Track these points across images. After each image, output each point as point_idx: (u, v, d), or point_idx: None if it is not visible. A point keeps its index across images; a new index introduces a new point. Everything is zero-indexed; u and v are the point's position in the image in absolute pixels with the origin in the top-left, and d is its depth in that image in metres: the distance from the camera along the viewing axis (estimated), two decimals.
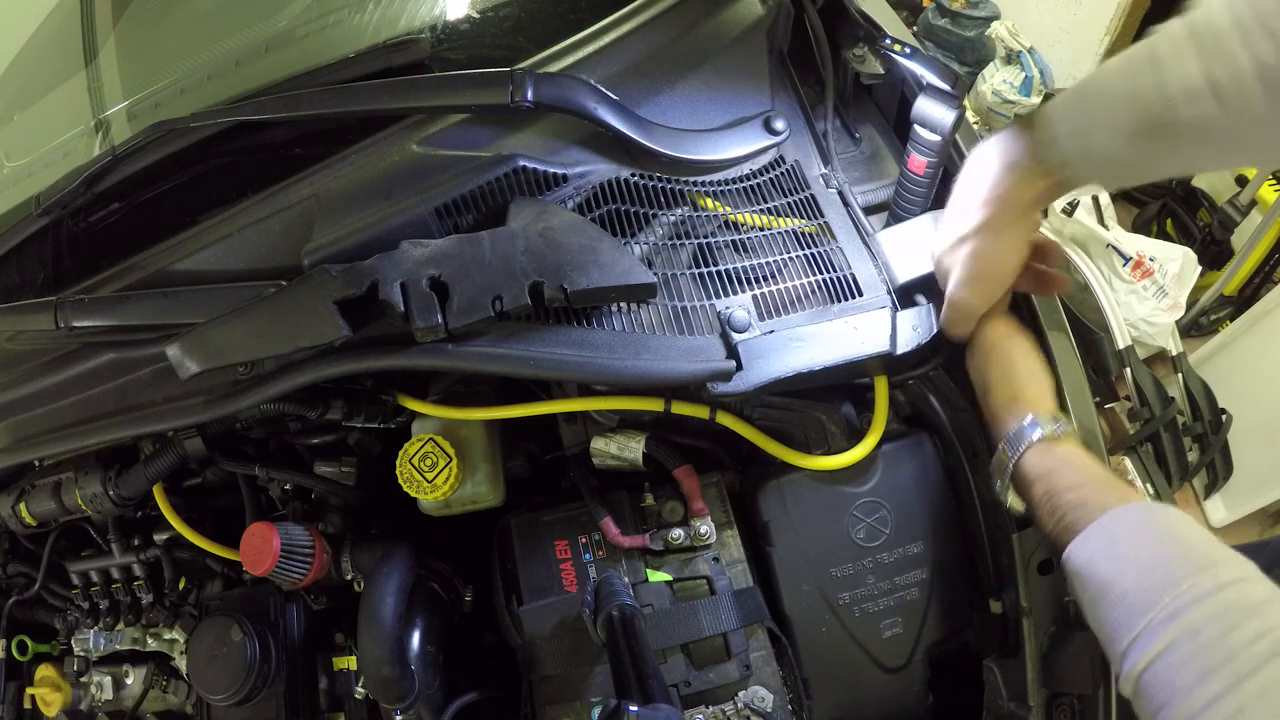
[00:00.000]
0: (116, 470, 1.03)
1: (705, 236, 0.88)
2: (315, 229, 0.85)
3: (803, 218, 0.90)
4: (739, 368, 0.78)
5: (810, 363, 0.79)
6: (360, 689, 0.97)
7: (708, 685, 0.85)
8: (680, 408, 0.87)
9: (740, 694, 0.85)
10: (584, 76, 0.86)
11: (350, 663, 1.01)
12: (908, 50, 0.93)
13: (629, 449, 0.93)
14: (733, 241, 0.88)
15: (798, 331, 0.81)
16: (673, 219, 0.88)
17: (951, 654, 0.94)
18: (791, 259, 0.87)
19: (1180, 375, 1.81)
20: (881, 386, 0.89)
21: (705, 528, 0.90)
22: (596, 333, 0.79)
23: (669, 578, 0.90)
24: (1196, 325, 2.30)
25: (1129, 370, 1.42)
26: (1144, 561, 0.57)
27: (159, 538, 1.12)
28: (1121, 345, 1.42)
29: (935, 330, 0.83)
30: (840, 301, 0.84)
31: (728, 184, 0.92)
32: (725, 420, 0.89)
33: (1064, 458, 0.70)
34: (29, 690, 1.22)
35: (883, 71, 0.98)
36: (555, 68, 0.88)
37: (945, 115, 0.82)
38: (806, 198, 0.92)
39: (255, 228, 0.89)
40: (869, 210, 0.94)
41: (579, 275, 0.77)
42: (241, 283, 0.87)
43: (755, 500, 0.93)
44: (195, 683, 0.98)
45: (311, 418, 0.93)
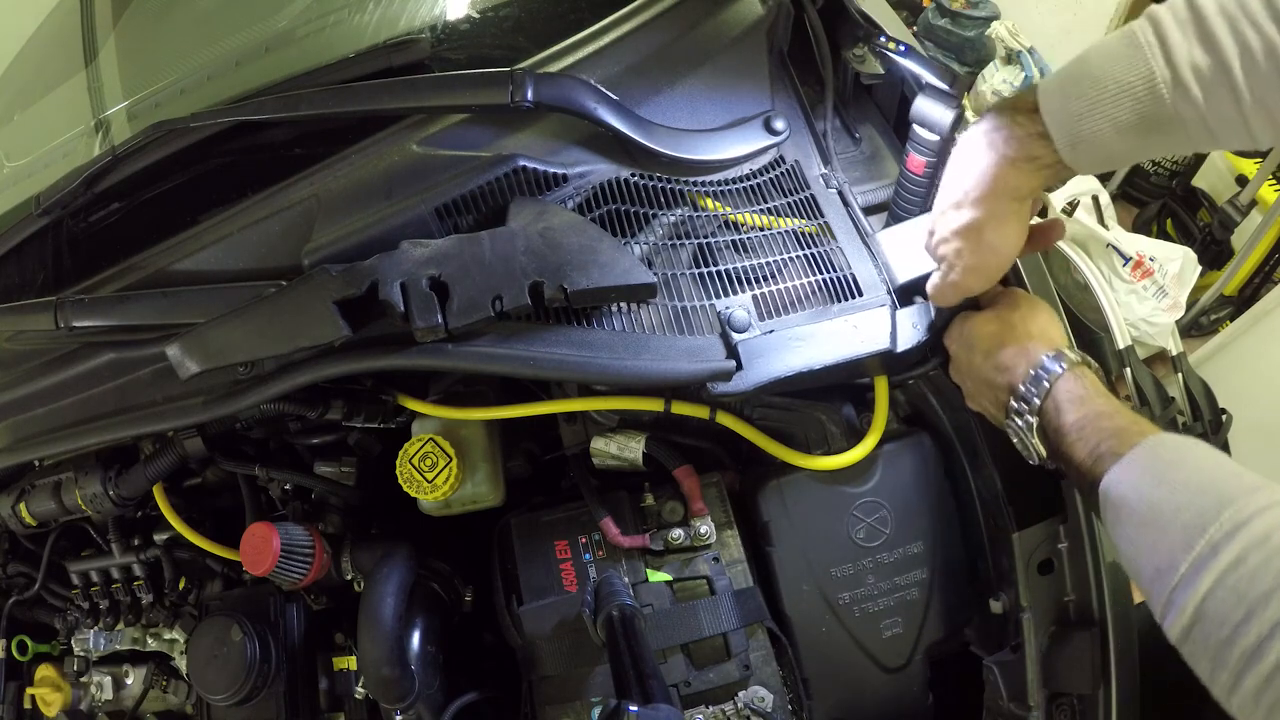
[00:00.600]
0: (116, 470, 1.03)
1: (705, 236, 0.88)
2: (315, 229, 0.85)
3: (803, 218, 0.90)
4: (739, 367, 0.78)
5: (810, 362, 0.79)
6: (360, 689, 0.97)
7: (708, 685, 0.85)
8: (680, 408, 0.87)
9: (740, 694, 0.85)
10: (584, 76, 0.86)
11: (350, 663, 1.01)
12: (903, 49, 0.93)
13: (629, 449, 0.93)
14: (733, 241, 0.88)
15: (798, 331, 0.81)
16: (673, 219, 0.88)
17: (951, 654, 0.94)
18: (791, 259, 0.87)
19: (1180, 375, 1.81)
20: (881, 386, 0.88)
21: (705, 528, 0.90)
22: (596, 333, 0.79)
23: (669, 578, 0.90)
24: (1196, 325, 2.30)
25: (1129, 370, 1.42)
26: (1196, 483, 0.54)
27: (159, 538, 1.12)
28: (1121, 345, 1.42)
29: (935, 329, 0.83)
30: (840, 301, 0.84)
31: (728, 184, 0.92)
32: (725, 420, 0.89)
33: (1095, 388, 0.68)
34: (29, 690, 1.22)
35: (882, 71, 0.98)
36: (555, 68, 0.88)
37: (944, 115, 0.81)
38: (806, 198, 0.91)
39: (255, 228, 0.89)
40: (869, 210, 0.94)
41: (579, 275, 0.77)
42: (241, 283, 0.87)
43: (755, 500, 0.93)
44: (195, 683, 0.98)
45: (311, 418, 0.93)
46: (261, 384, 0.83)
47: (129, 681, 1.16)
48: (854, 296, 0.84)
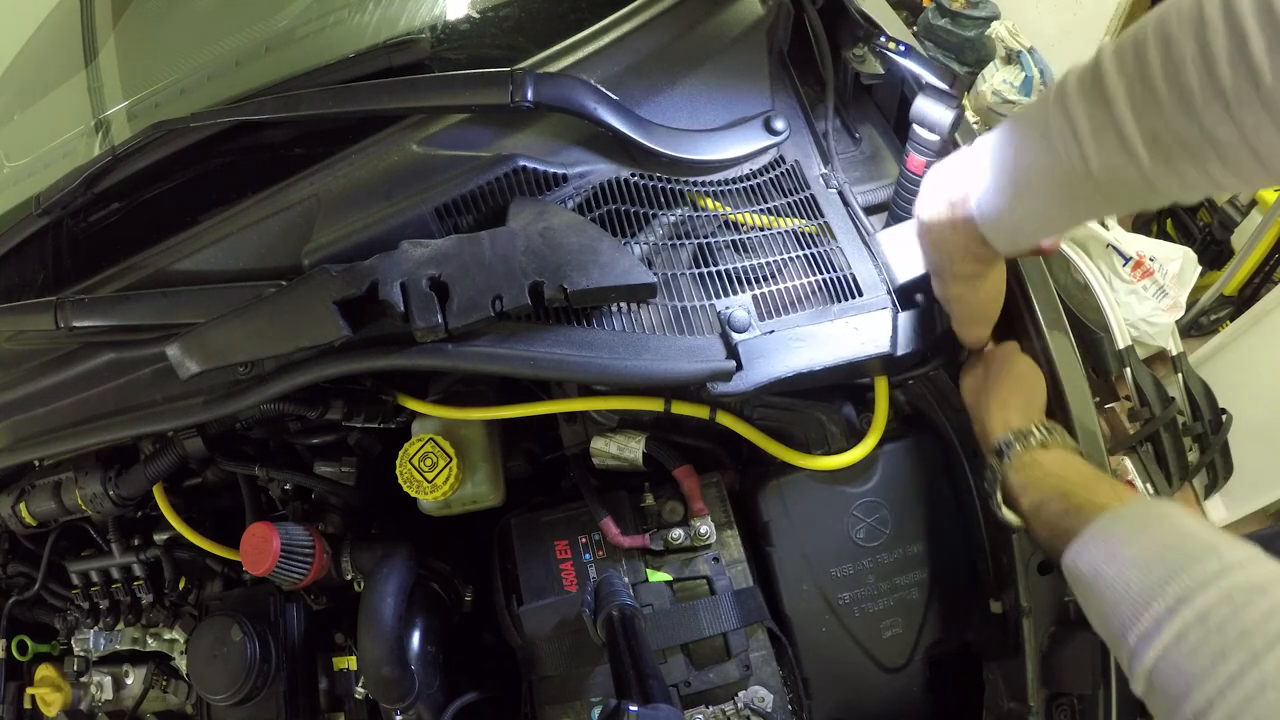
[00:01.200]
0: (116, 470, 1.03)
1: (705, 236, 0.88)
2: (315, 229, 0.85)
3: (803, 218, 0.90)
4: (739, 368, 0.78)
5: (810, 363, 0.79)
6: (360, 689, 0.97)
7: (708, 685, 0.85)
8: (680, 408, 0.87)
9: (740, 694, 0.85)
10: (584, 76, 0.86)
11: (350, 663, 1.01)
12: (903, 49, 0.93)
13: (629, 449, 0.93)
14: (733, 241, 0.88)
15: (798, 331, 0.81)
16: (673, 219, 0.88)
17: (951, 654, 0.94)
18: (791, 259, 0.87)
19: (1180, 375, 1.81)
20: (882, 387, 0.88)
21: (705, 528, 0.90)
22: (596, 333, 0.79)
23: (669, 578, 0.90)
24: (1196, 325, 2.30)
25: (1129, 370, 1.42)
26: (1144, 557, 0.56)
27: (159, 538, 1.12)
28: (1121, 345, 1.42)
29: (935, 330, 0.83)
30: (840, 301, 0.84)
31: (728, 184, 0.92)
32: (725, 420, 0.89)
33: (1049, 467, 0.70)
34: (29, 690, 1.22)
35: (882, 71, 0.98)
36: (555, 68, 0.88)
37: (944, 115, 0.82)
38: (806, 198, 0.91)
39: (255, 228, 0.89)
40: (869, 210, 0.94)
41: (579, 275, 0.77)
42: (241, 283, 0.87)
43: (755, 500, 0.93)
44: (195, 683, 0.98)
45: (311, 418, 0.93)
46: (261, 384, 0.83)
47: (129, 681, 1.16)
48: (854, 296, 0.84)
